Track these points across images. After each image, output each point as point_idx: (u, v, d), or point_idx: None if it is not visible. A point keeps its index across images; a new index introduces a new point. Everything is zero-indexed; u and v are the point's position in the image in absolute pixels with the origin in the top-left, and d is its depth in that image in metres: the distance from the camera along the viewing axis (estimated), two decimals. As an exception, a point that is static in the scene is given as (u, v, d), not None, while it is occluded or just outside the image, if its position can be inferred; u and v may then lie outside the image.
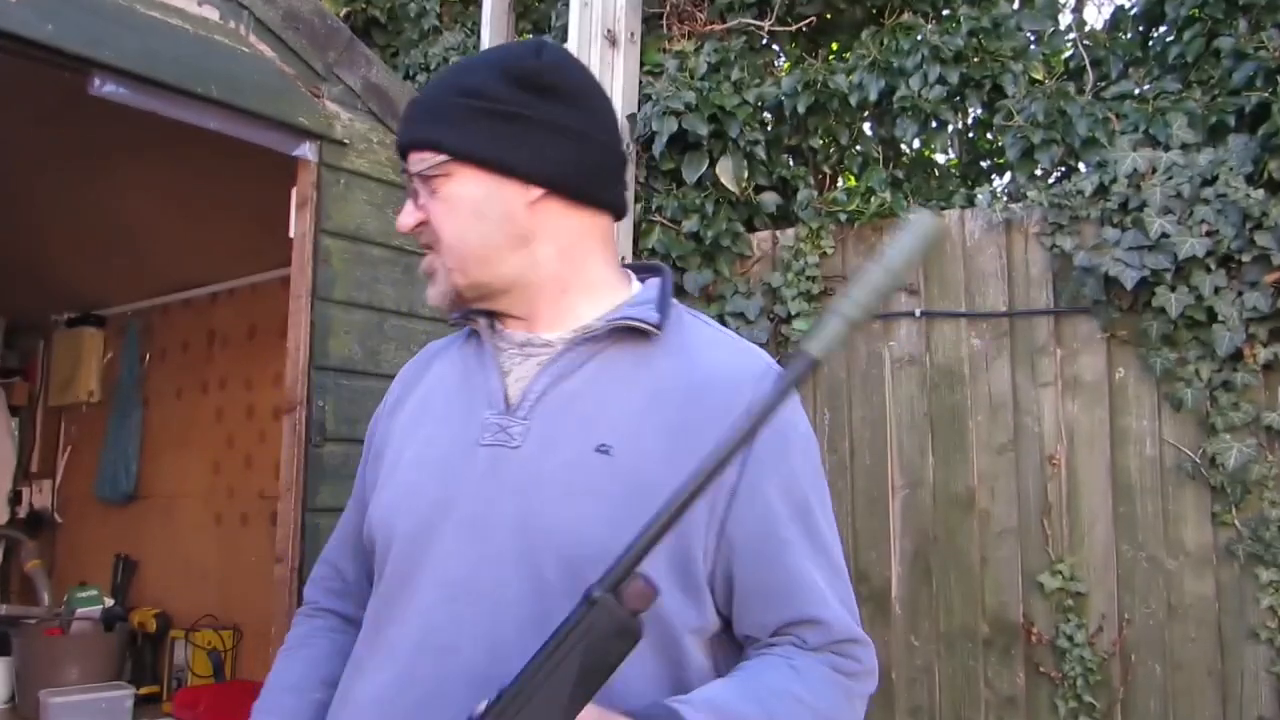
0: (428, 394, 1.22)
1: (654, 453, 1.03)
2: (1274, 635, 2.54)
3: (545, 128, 1.10)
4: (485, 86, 1.10)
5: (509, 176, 1.10)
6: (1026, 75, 3.25)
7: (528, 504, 1.03)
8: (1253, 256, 2.58)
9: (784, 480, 1.08)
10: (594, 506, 1.02)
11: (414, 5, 4.39)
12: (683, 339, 1.13)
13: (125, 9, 2.16)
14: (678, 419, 1.05)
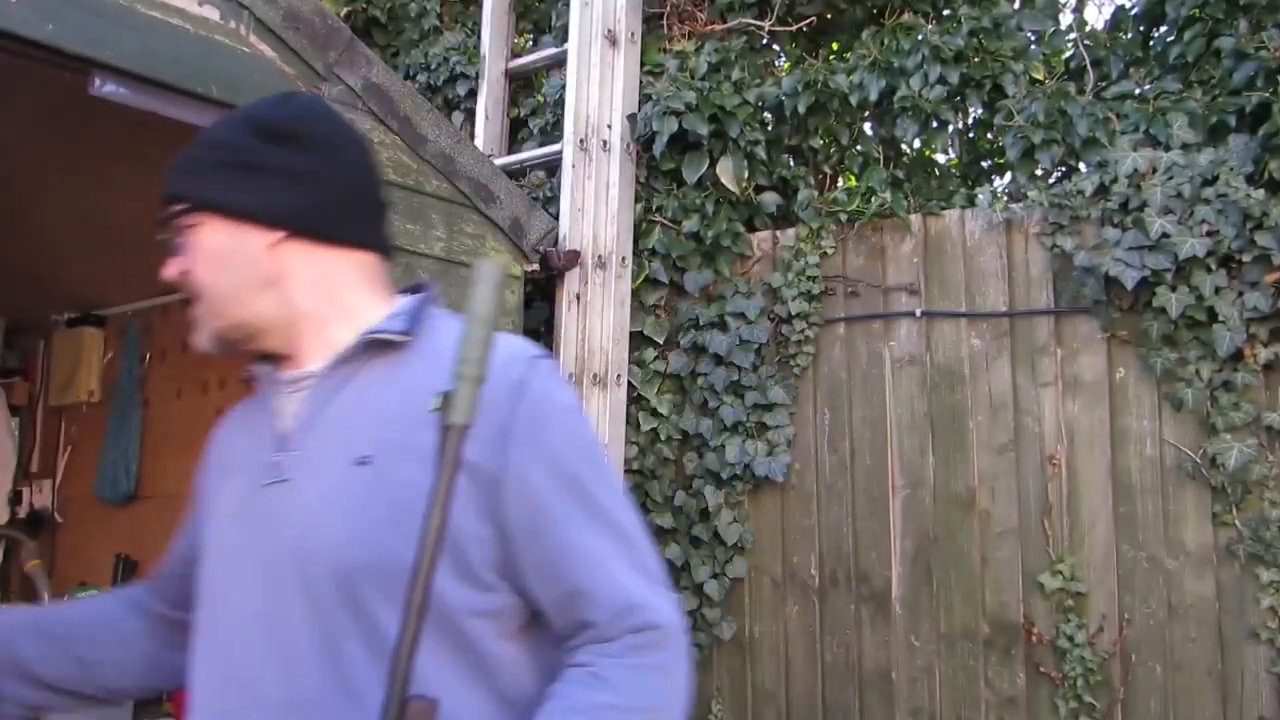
0: (227, 447, 1.25)
1: (412, 452, 1.04)
2: (1274, 635, 2.54)
3: (284, 174, 1.14)
4: (229, 138, 1.17)
5: (249, 222, 1.13)
6: (1027, 75, 3.25)
7: (300, 532, 1.06)
8: (1253, 256, 2.58)
9: (548, 457, 1.08)
10: (360, 518, 1.04)
11: (414, 5, 4.38)
12: (435, 343, 1.13)
13: (125, 9, 2.16)
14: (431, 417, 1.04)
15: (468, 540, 1.05)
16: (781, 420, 3.32)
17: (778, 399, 3.32)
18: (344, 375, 1.13)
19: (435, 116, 2.82)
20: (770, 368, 3.36)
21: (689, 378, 3.47)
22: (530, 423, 1.07)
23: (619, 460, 3.36)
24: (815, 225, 3.35)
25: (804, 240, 3.35)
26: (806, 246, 3.34)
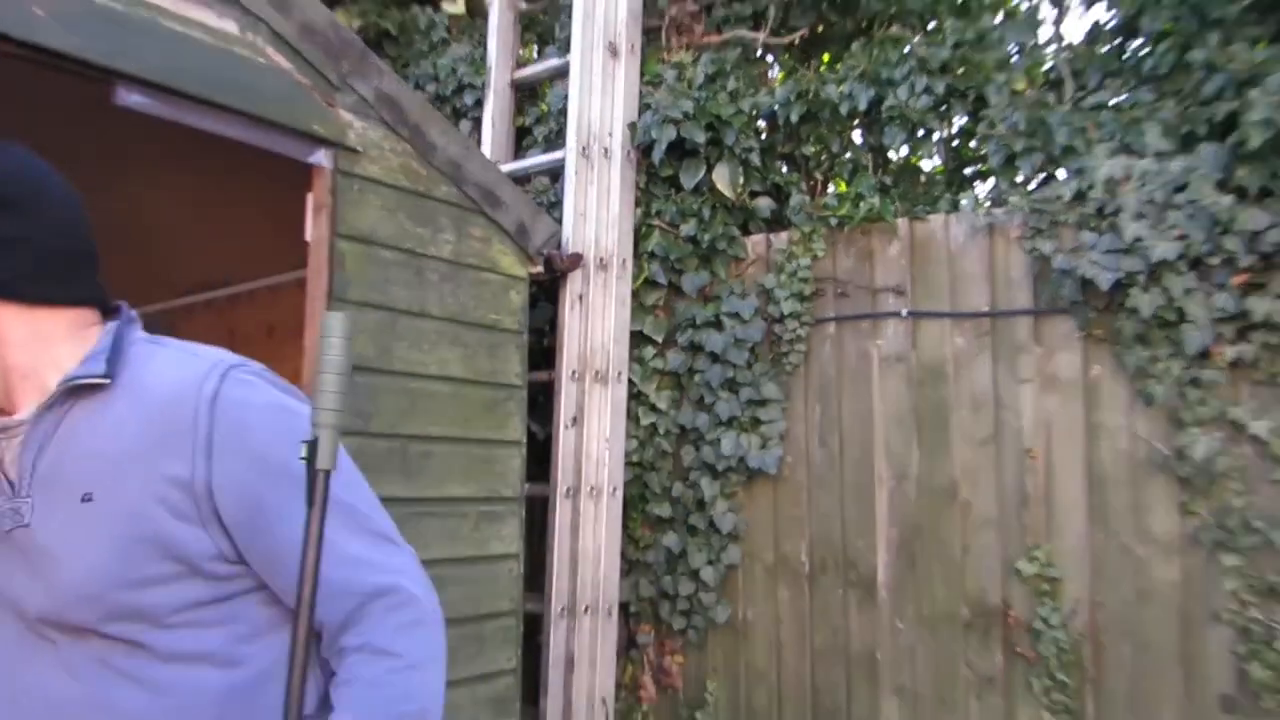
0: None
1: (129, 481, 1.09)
2: (1237, 618, 2.56)
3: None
4: None
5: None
6: (1008, 86, 3.26)
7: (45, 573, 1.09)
8: (1221, 259, 2.60)
9: (253, 456, 1.11)
10: (88, 552, 1.08)
11: (424, 19, 4.40)
12: (134, 375, 1.14)
13: (149, 23, 2.17)
14: (141, 444, 1.09)
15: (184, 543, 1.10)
16: (774, 415, 3.34)
17: (770, 395, 3.34)
18: (53, 420, 1.13)
19: (444, 125, 2.83)
20: (764, 365, 3.38)
21: (686, 375, 3.49)
22: (230, 429, 1.10)
23: (620, 453, 3.39)
24: (807, 229, 3.36)
25: (796, 243, 3.37)
26: (798, 249, 3.36)
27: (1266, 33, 3.07)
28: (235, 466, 1.10)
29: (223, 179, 3.13)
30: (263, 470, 1.11)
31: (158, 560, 1.08)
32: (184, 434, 1.09)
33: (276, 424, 1.14)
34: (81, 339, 1.16)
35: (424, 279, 2.76)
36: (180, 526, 1.09)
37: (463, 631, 2.80)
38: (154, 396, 1.12)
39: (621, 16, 3.55)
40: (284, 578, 1.13)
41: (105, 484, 1.09)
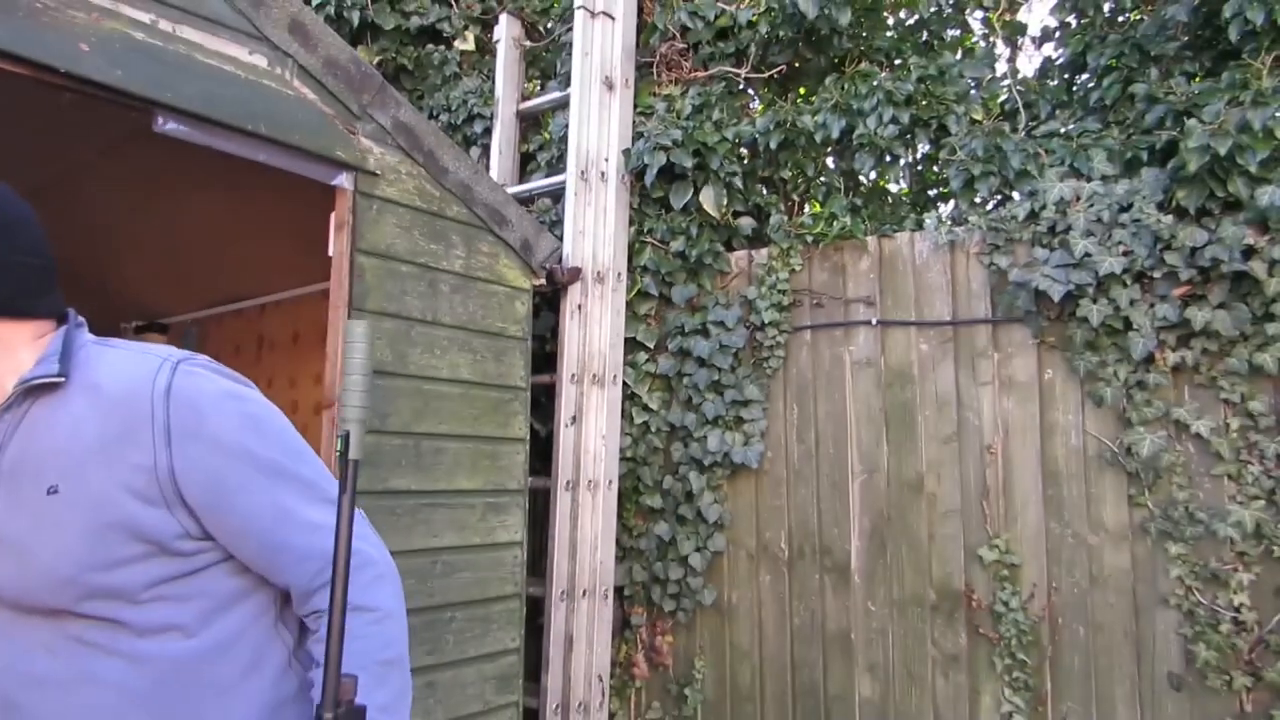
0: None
1: (92, 471, 1.08)
2: (1182, 601, 2.55)
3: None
4: None
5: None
6: (968, 116, 3.25)
7: (16, 561, 1.08)
8: (1163, 273, 2.59)
9: (210, 440, 1.12)
10: (60, 540, 1.07)
11: (437, 55, 4.37)
12: (88, 373, 1.14)
13: (185, 57, 2.15)
14: (99, 439, 1.09)
15: (151, 525, 1.09)
16: (756, 414, 3.32)
17: (753, 396, 3.32)
18: (13, 420, 1.12)
19: (455, 151, 2.81)
20: (746, 369, 3.36)
21: (676, 377, 3.47)
22: (185, 417, 1.11)
23: (615, 449, 3.36)
24: (785, 246, 3.34)
25: (775, 259, 3.35)
26: (778, 264, 3.34)
27: (1202, 68, 3.08)
28: (194, 451, 1.10)
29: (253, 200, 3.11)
30: (220, 452, 1.11)
31: (127, 542, 1.08)
32: (142, 425, 1.09)
33: (227, 409, 1.14)
34: (39, 345, 1.16)
35: (436, 290, 2.74)
36: (146, 510, 1.09)
37: (471, 613, 2.77)
38: (109, 393, 1.11)
39: (616, 54, 3.54)
40: (249, 547, 1.14)
41: (69, 476, 1.08)
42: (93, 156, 2.95)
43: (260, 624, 1.19)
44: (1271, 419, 2.49)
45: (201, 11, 2.19)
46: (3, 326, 1.13)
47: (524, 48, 4.07)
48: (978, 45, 4.39)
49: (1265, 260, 2.46)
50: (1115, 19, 3.57)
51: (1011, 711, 2.75)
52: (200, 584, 1.14)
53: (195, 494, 1.10)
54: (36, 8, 1.90)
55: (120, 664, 1.08)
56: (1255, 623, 2.45)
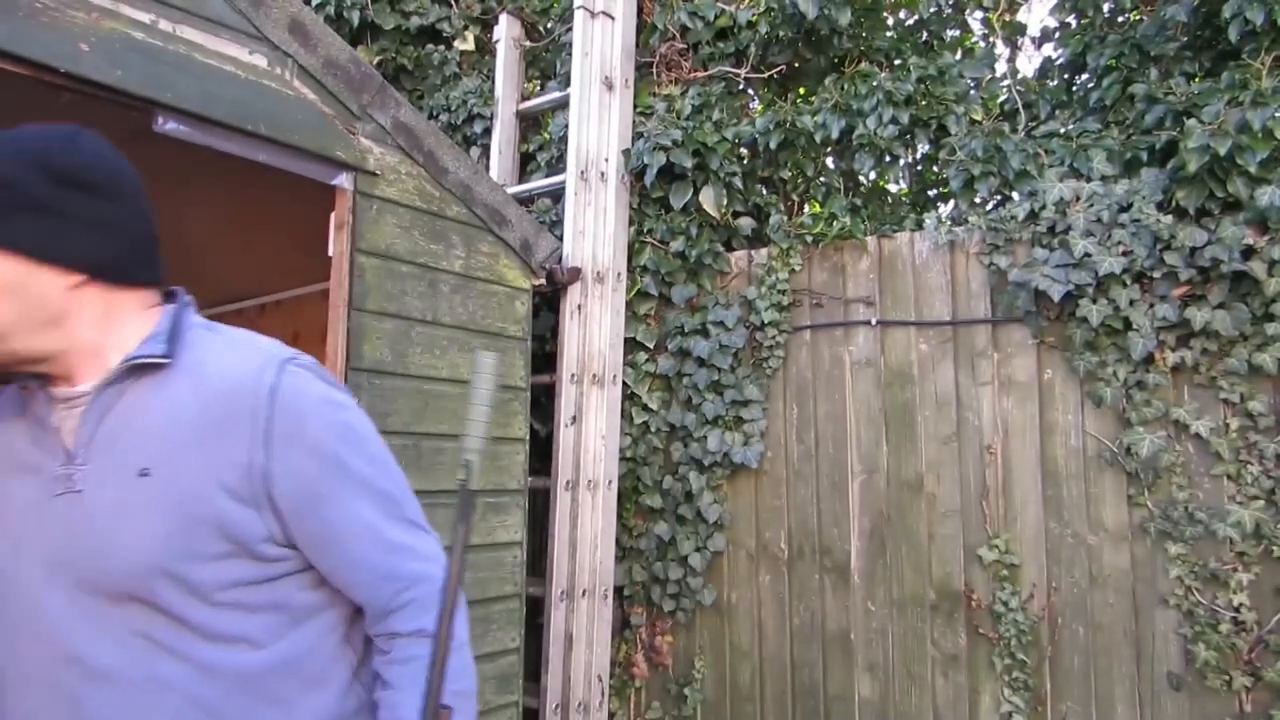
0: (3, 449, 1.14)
1: (187, 461, 1.06)
2: (1181, 601, 2.54)
3: (83, 221, 1.06)
4: (21, 179, 1.04)
5: (45, 265, 1.05)
6: (968, 116, 3.25)
7: (96, 540, 1.05)
8: (1163, 273, 2.59)
9: (308, 447, 1.10)
10: (145, 523, 1.04)
11: (437, 55, 4.37)
12: (194, 358, 1.12)
13: (185, 57, 2.15)
14: (200, 428, 1.07)
15: (239, 524, 1.07)
16: (755, 414, 3.31)
17: (752, 396, 3.31)
18: (113, 395, 1.09)
19: (455, 151, 2.81)
20: (746, 369, 3.36)
21: (675, 377, 3.47)
22: (288, 420, 1.09)
23: (615, 449, 3.36)
24: (785, 246, 3.34)
25: (775, 259, 3.35)
26: (777, 264, 3.34)
27: (1202, 68, 3.08)
28: (292, 455, 1.09)
29: (252, 200, 3.11)
30: (316, 459, 1.10)
31: (212, 538, 1.06)
32: (243, 422, 1.07)
33: (327, 415, 1.13)
34: (144, 319, 1.13)
35: (436, 290, 2.74)
36: (236, 508, 1.07)
37: (471, 613, 2.77)
38: (214, 383, 1.09)
39: (616, 54, 3.53)
40: (329, 559, 1.13)
41: (163, 461, 1.06)
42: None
43: (328, 641, 1.17)
44: (1271, 419, 2.48)
45: (201, 11, 2.19)
46: (110, 295, 1.10)
47: (524, 48, 4.06)
48: (977, 45, 4.39)
49: (1265, 260, 2.45)
50: (1115, 19, 3.57)
51: (1011, 711, 2.75)
52: (276, 594, 1.12)
53: (286, 499, 1.09)
54: (36, 8, 1.89)
55: (189, 670, 1.05)
56: (1255, 623, 2.45)
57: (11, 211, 1.03)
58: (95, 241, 1.07)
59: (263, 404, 1.08)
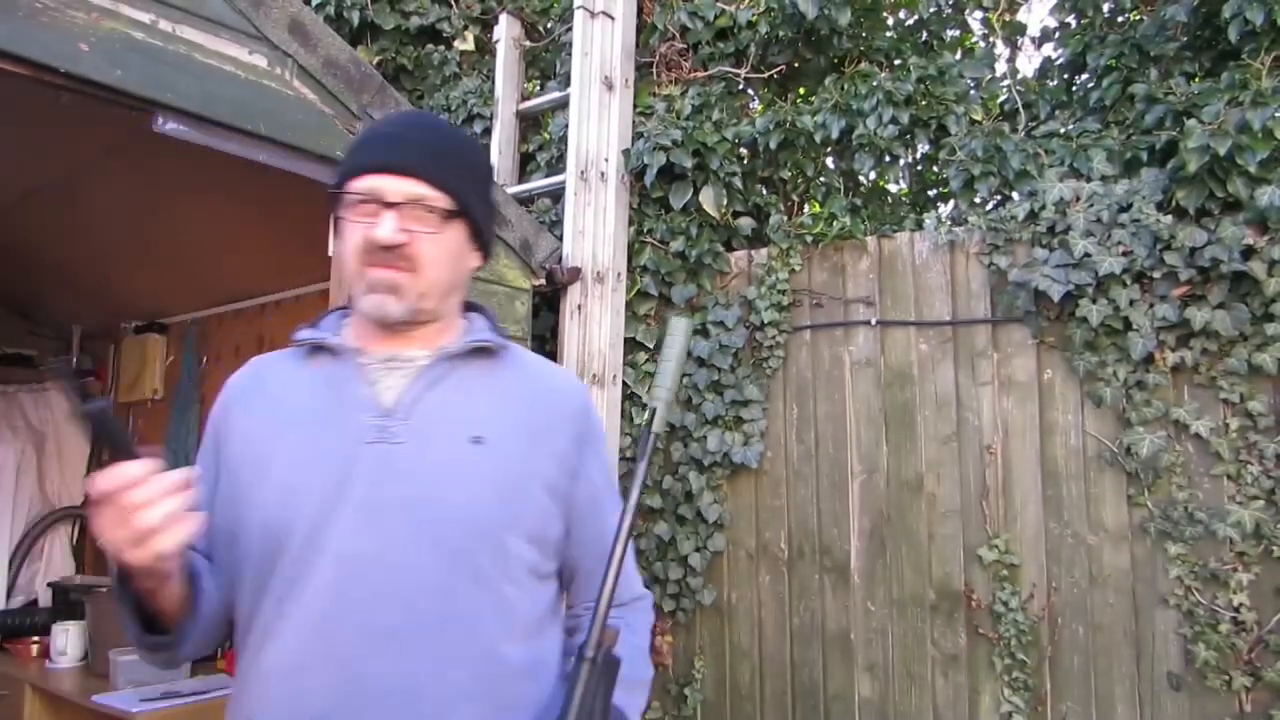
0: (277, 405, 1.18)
1: (516, 442, 1.16)
2: (1181, 601, 2.54)
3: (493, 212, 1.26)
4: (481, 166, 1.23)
5: (478, 241, 1.21)
6: (967, 116, 3.25)
7: (419, 489, 1.10)
8: (1163, 273, 2.59)
9: (600, 461, 1.26)
10: (479, 486, 1.11)
11: (437, 55, 4.37)
12: (517, 358, 1.26)
13: (185, 57, 2.15)
14: (529, 416, 1.19)
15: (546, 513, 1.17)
16: (755, 414, 3.31)
17: (752, 396, 3.31)
18: (449, 367, 1.17)
19: (455, 151, 2.80)
20: (746, 369, 3.36)
21: (675, 378, 3.46)
22: (594, 434, 1.26)
23: (615, 449, 3.36)
24: (785, 246, 3.34)
25: (775, 259, 3.35)
26: (777, 264, 3.34)
27: (1201, 68, 3.08)
28: (593, 465, 1.23)
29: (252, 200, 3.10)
30: (603, 473, 1.27)
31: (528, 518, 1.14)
32: (567, 425, 1.20)
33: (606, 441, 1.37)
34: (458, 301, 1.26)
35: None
36: (548, 499, 1.17)
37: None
38: (541, 382, 1.24)
39: (616, 54, 3.53)
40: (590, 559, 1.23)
41: (496, 436, 1.14)
42: (93, 156, 2.95)
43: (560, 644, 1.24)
44: (1271, 419, 2.48)
45: (201, 11, 2.19)
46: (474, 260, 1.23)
47: (524, 48, 4.06)
48: (977, 45, 4.39)
49: (1265, 260, 2.45)
50: (1115, 19, 3.57)
51: (1011, 711, 2.75)
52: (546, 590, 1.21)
53: (578, 500, 1.21)
54: (36, 8, 1.89)
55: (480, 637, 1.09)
56: (1255, 623, 2.45)
57: (474, 188, 1.18)
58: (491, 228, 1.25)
59: (582, 415, 1.23)
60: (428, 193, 1.12)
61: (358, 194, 1.12)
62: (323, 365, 1.19)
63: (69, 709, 3.05)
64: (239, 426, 1.19)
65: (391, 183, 1.11)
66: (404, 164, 1.12)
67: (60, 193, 3.30)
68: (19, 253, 3.95)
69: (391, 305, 1.13)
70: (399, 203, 1.11)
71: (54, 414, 4.55)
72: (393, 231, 1.10)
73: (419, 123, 1.21)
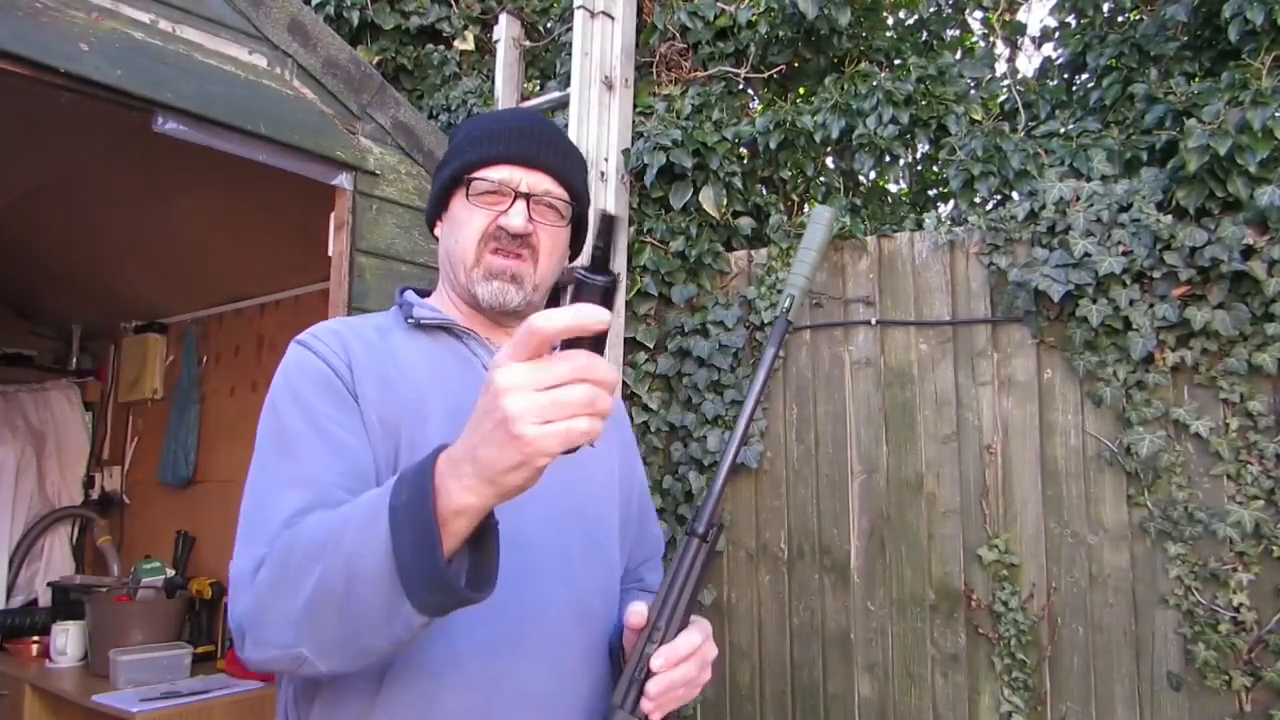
0: (411, 374, 1.11)
1: (609, 443, 1.24)
2: (1181, 602, 2.54)
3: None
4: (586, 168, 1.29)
5: (574, 245, 1.27)
6: (967, 116, 3.25)
7: (580, 482, 1.17)
8: (1163, 273, 2.59)
9: (641, 465, 1.38)
10: (606, 481, 1.20)
11: (437, 55, 4.37)
12: None
13: (184, 57, 2.15)
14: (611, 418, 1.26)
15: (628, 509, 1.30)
16: (755, 414, 3.31)
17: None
18: None
19: (455, 151, 2.81)
20: (746, 369, 3.36)
21: (675, 377, 3.47)
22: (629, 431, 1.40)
23: (614, 449, 3.36)
24: (785, 245, 3.34)
25: (775, 259, 3.35)
26: (777, 264, 3.34)
27: (1202, 68, 3.08)
28: (638, 468, 1.34)
29: (252, 200, 3.10)
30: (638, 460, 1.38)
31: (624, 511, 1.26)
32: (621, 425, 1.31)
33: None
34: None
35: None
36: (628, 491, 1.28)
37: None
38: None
39: (616, 54, 3.53)
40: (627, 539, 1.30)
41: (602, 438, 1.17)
42: (93, 156, 2.95)
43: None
44: (1271, 419, 2.48)
45: (201, 11, 2.19)
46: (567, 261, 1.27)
47: (524, 48, 4.06)
48: (977, 45, 4.39)
49: (1265, 260, 2.45)
50: (1115, 19, 3.57)
51: (1011, 711, 2.75)
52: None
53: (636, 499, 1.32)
54: (36, 7, 1.90)
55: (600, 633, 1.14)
56: (1255, 623, 2.45)
57: (588, 198, 1.26)
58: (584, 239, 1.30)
59: (624, 414, 1.31)
60: (557, 189, 1.18)
61: (492, 182, 1.15)
62: (447, 343, 1.17)
63: (69, 709, 3.05)
64: (374, 392, 1.08)
65: (526, 175, 1.16)
66: (538, 158, 1.16)
67: (60, 193, 3.30)
68: (19, 253, 3.95)
69: (512, 293, 1.15)
70: (531, 194, 1.15)
71: (54, 414, 4.55)
72: (524, 220, 1.13)
73: (543, 120, 1.24)
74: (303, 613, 0.82)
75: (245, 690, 2.95)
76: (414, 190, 2.65)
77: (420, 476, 0.77)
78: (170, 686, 2.89)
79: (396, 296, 1.27)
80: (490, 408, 0.71)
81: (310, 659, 0.84)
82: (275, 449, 1.01)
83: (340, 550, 0.79)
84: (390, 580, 0.76)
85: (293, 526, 0.90)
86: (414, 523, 0.75)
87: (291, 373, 1.07)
